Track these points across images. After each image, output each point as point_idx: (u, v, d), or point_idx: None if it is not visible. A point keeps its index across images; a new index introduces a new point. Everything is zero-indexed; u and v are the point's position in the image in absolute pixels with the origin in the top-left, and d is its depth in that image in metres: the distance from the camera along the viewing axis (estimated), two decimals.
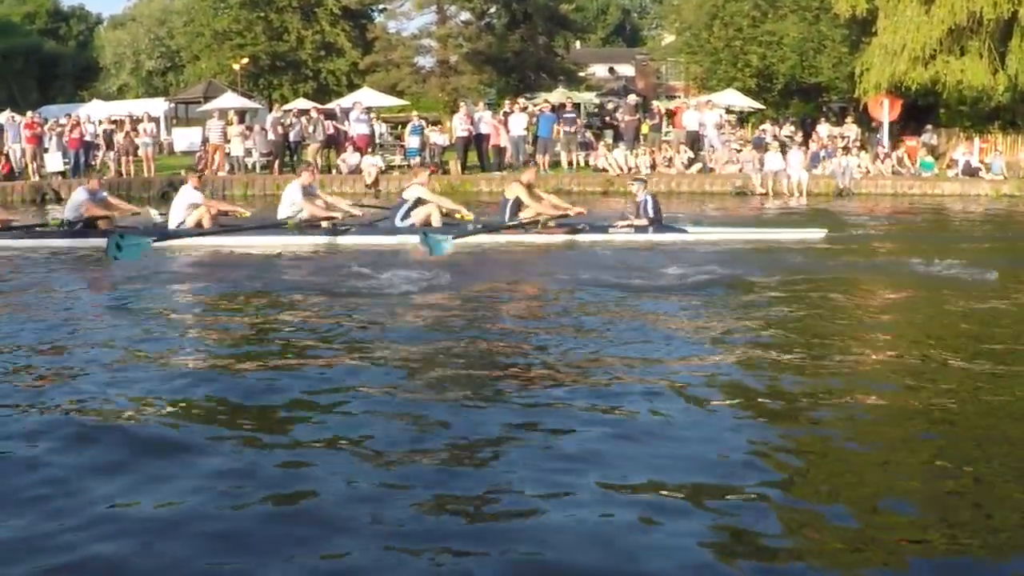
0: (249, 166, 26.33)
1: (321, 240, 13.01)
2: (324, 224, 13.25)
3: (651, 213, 13.54)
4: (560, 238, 13.20)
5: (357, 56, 45.00)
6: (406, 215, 13.27)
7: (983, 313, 8.60)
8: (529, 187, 13.57)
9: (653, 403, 5.73)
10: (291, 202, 13.37)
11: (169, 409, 5.64)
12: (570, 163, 26.71)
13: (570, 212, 13.53)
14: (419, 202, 13.33)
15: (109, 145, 26.42)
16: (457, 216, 13.81)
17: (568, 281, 10.02)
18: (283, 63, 46.41)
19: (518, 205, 13.33)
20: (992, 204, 22.37)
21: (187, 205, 13.30)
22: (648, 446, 5.02)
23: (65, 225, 13.36)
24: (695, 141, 27.26)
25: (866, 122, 30.29)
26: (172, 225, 13.27)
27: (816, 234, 13.89)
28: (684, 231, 13.69)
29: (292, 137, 26.26)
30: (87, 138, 26.22)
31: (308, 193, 13.49)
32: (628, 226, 13.44)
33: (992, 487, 4.53)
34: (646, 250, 12.63)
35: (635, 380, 6.23)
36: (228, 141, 26.25)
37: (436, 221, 13.25)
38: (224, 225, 13.56)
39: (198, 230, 13.06)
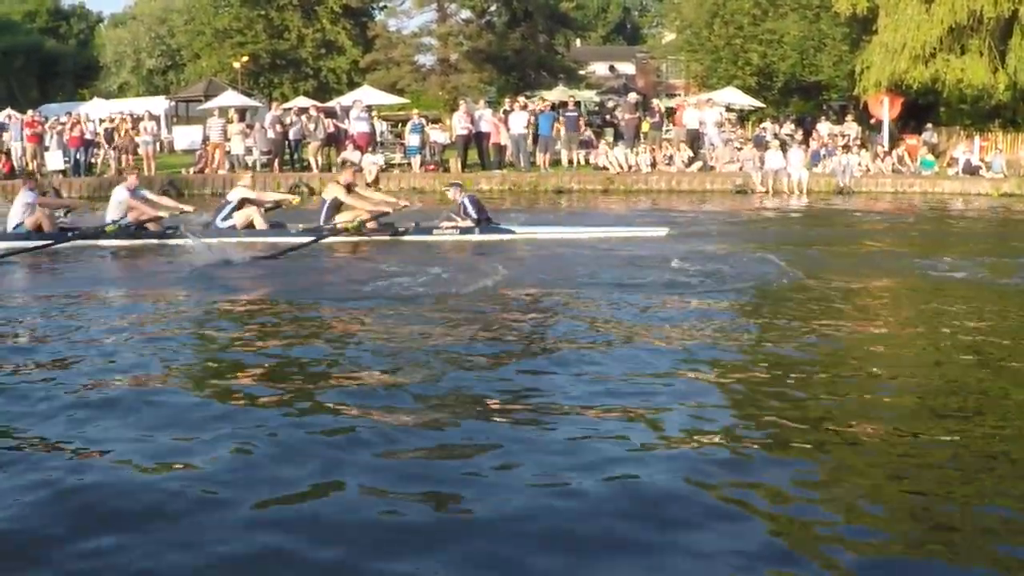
0: (249, 164, 26.32)
1: (152, 242, 13.08)
2: (151, 226, 13.32)
3: (473, 214, 13.47)
4: (383, 239, 13.17)
5: (358, 54, 44.97)
6: (227, 216, 13.35)
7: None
8: (348, 187, 13.56)
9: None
10: (117, 204, 13.45)
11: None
12: (571, 161, 26.71)
13: (387, 210, 13.56)
14: (244, 203, 13.43)
15: (110, 143, 26.42)
16: (283, 205, 14.10)
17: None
18: (284, 61, 46.40)
19: (336, 207, 13.32)
20: (992, 203, 22.36)
21: (22, 206, 13.32)
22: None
23: None
24: (695, 139, 27.25)
25: (866, 120, 30.28)
26: (9, 228, 13.28)
27: (658, 232, 13.86)
28: (511, 231, 13.66)
29: (292, 135, 26.26)
30: (87, 136, 26.23)
31: (135, 196, 13.58)
32: (453, 227, 13.41)
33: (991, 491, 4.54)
34: (477, 250, 12.63)
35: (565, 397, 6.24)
36: (228, 139, 26.26)
37: (260, 224, 13.37)
38: (62, 228, 13.55)
39: None
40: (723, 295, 9.24)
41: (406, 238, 13.19)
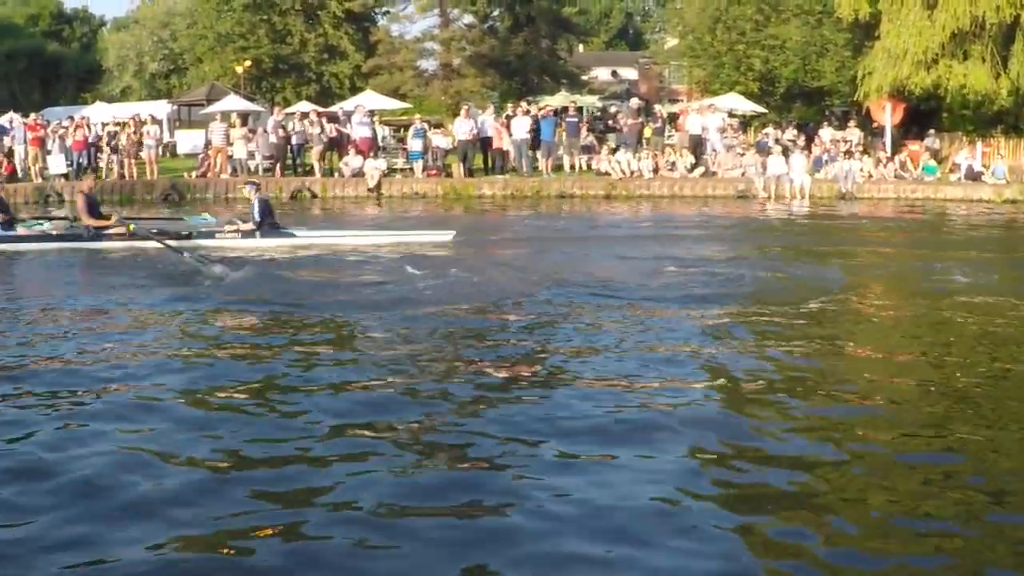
0: (252, 169, 26.29)
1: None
2: None
3: (257, 217, 13.61)
4: (168, 243, 13.20)
5: (360, 59, 44.95)
6: (6, 225, 13.65)
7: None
8: (88, 196, 13.78)
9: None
10: None
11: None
12: (572, 167, 26.67)
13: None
14: None
15: (112, 148, 26.32)
16: None
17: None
18: (286, 66, 46.39)
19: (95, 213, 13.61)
20: (995, 209, 22.31)
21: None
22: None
23: None
24: (698, 145, 27.20)
25: (868, 126, 30.24)
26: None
27: (444, 236, 13.98)
28: (293, 235, 13.83)
29: (295, 140, 26.23)
30: (91, 140, 26.17)
31: None
32: (235, 231, 13.58)
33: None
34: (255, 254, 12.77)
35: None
36: (231, 144, 26.21)
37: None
38: None
39: None
40: (722, 300, 9.23)
41: (184, 243, 13.20)
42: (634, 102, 30.45)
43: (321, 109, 31.28)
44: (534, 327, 8.07)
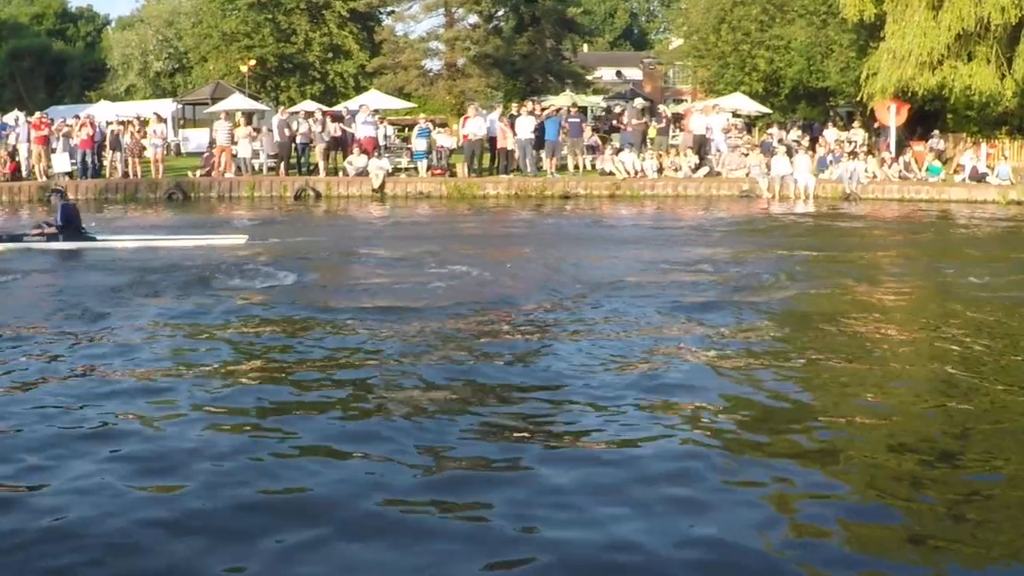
0: (256, 167, 26.32)
1: None
2: None
3: (60, 221, 14.11)
4: None
5: (364, 58, 44.98)
6: None
7: None
8: None
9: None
10: None
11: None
12: (576, 166, 26.65)
13: None
14: None
15: (115, 146, 26.31)
16: None
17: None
18: (291, 65, 46.41)
19: None
20: (1000, 210, 22.28)
21: None
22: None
23: None
24: (702, 145, 27.18)
25: (873, 127, 30.19)
26: None
27: (237, 240, 14.48)
28: (94, 239, 14.32)
29: (299, 139, 26.23)
30: (97, 139, 26.17)
31: None
32: (40, 234, 14.12)
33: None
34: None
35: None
36: (235, 142, 26.22)
37: None
38: None
39: None
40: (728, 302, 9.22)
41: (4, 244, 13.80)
42: (638, 102, 30.43)
43: (326, 108, 31.27)
44: (542, 327, 8.08)
